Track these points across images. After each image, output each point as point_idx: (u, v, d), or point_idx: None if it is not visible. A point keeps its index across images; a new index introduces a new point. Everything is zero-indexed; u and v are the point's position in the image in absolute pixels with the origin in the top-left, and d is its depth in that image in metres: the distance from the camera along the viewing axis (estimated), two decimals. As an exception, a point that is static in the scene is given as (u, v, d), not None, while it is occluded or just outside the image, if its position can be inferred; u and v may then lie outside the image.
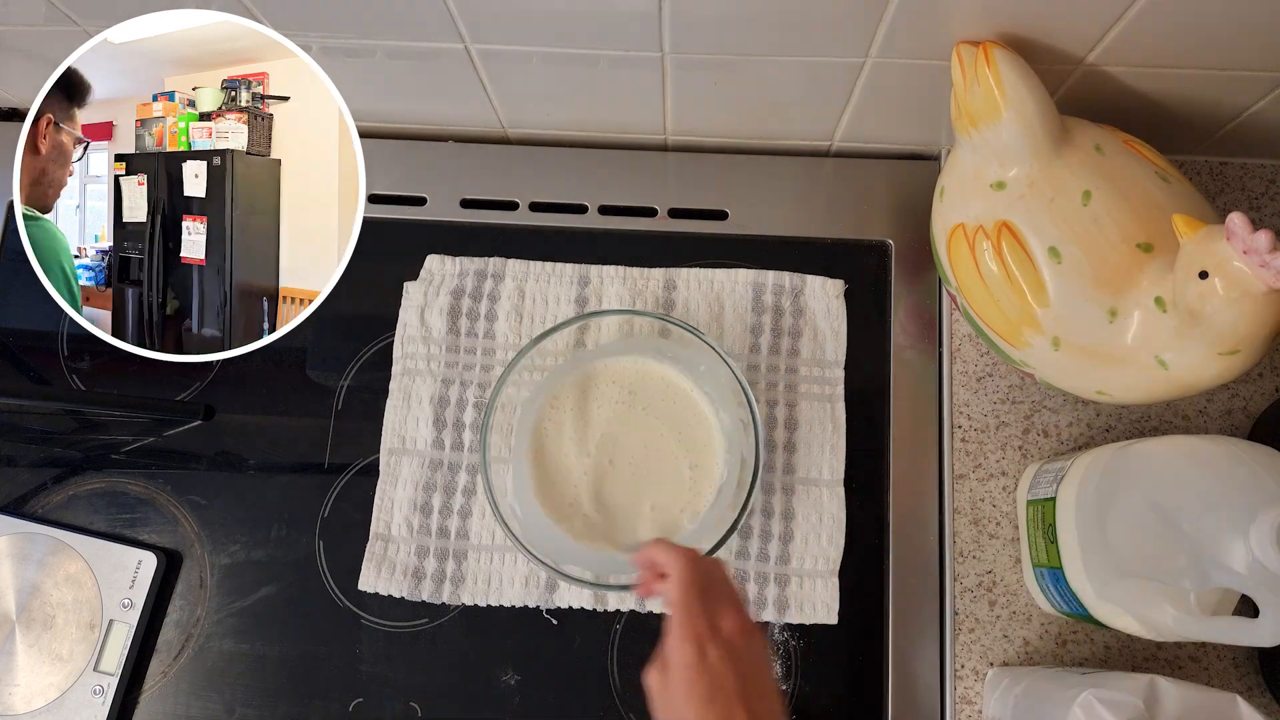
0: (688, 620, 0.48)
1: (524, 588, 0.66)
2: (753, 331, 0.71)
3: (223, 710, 0.65)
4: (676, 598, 0.49)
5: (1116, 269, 0.54)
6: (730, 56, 0.63)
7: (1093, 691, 0.51)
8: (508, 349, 0.71)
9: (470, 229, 0.74)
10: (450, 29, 0.62)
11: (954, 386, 0.69)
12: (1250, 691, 0.63)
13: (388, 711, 0.65)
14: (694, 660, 0.46)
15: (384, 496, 0.68)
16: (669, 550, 0.51)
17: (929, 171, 0.73)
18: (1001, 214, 0.58)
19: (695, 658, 0.46)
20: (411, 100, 0.73)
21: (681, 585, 0.49)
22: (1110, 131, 0.59)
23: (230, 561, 0.68)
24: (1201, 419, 0.68)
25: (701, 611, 0.48)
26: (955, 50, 0.58)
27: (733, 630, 0.48)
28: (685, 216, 0.75)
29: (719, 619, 0.48)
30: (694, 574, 0.49)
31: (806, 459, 0.68)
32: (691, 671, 0.46)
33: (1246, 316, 0.48)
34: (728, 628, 0.48)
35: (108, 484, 0.70)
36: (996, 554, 0.66)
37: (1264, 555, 0.44)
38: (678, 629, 0.47)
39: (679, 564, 0.50)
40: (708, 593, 0.49)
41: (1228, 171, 0.74)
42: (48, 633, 0.66)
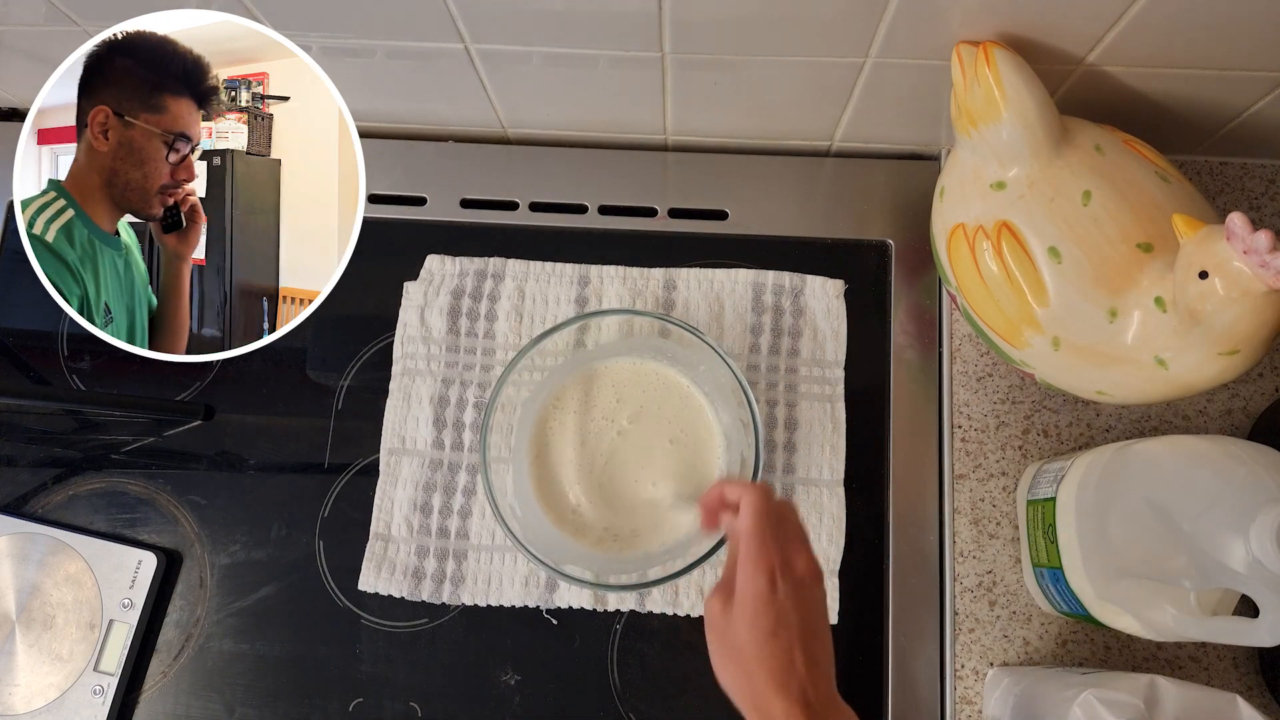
0: (762, 551, 0.46)
1: (524, 588, 0.66)
2: (753, 331, 0.71)
3: (223, 710, 0.65)
4: (750, 527, 0.47)
5: (1116, 269, 0.54)
6: (730, 56, 0.63)
7: (1093, 691, 0.51)
8: (508, 349, 0.71)
9: (470, 229, 0.74)
10: (450, 29, 0.62)
11: (954, 386, 0.69)
12: (1250, 691, 0.63)
13: (388, 711, 0.65)
14: (765, 591, 0.46)
15: (384, 496, 0.68)
16: (739, 484, 0.50)
17: (929, 171, 0.73)
18: (1001, 214, 0.58)
19: (766, 588, 0.46)
20: (411, 100, 0.73)
21: (756, 515, 0.48)
22: (1110, 131, 0.59)
23: (230, 561, 0.68)
24: (1201, 419, 0.68)
25: (775, 546, 0.47)
26: (955, 50, 0.58)
27: (804, 569, 0.47)
28: (685, 216, 0.75)
29: (792, 556, 0.48)
30: (769, 505, 0.48)
31: (806, 459, 0.68)
32: (760, 602, 0.45)
33: (1246, 316, 0.48)
34: (800, 566, 0.47)
35: (108, 484, 0.70)
36: (996, 554, 0.66)
37: (1264, 555, 0.44)
38: (751, 558, 0.46)
39: (754, 494, 0.48)
40: (781, 528, 0.48)
41: (1228, 171, 0.74)
42: (48, 633, 0.66)
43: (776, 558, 0.47)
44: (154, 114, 0.55)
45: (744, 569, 0.46)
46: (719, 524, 0.52)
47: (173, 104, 0.56)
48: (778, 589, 0.46)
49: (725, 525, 0.51)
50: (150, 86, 0.55)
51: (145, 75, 0.55)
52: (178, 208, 0.57)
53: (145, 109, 0.55)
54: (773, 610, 0.45)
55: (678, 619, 0.66)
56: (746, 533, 0.47)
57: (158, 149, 0.56)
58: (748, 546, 0.47)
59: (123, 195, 0.56)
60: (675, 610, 0.66)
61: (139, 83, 0.55)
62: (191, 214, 0.58)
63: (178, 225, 0.58)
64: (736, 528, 0.49)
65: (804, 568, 0.48)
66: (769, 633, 0.45)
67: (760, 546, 0.47)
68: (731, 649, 0.46)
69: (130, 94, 0.55)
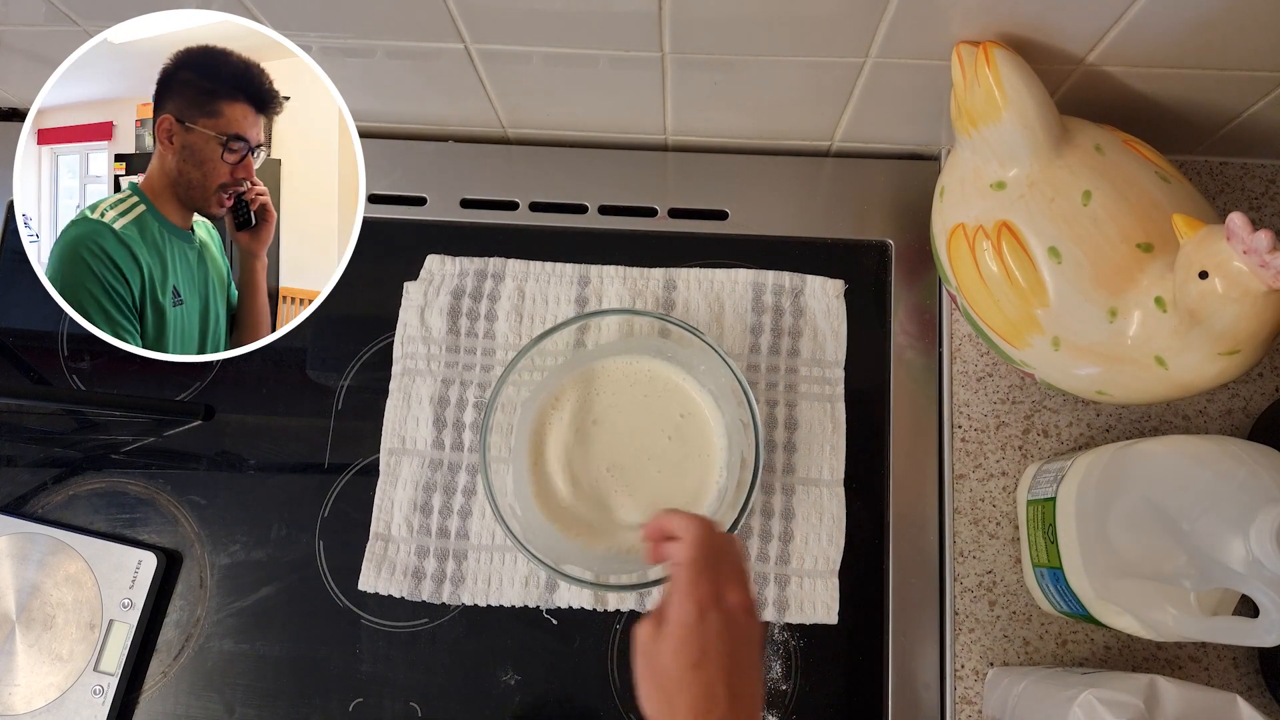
0: (695, 581, 0.47)
1: (524, 588, 0.66)
2: (753, 331, 0.71)
3: (223, 710, 0.65)
4: (686, 557, 0.48)
5: (1116, 269, 0.54)
6: (730, 56, 0.63)
7: (1093, 691, 0.51)
8: (508, 349, 0.71)
9: (470, 229, 0.74)
10: (450, 29, 0.62)
11: (954, 386, 0.69)
12: (1250, 691, 0.63)
13: (388, 711, 0.65)
14: (692, 621, 0.46)
15: (384, 496, 0.68)
16: (682, 515, 0.51)
17: (929, 171, 0.73)
18: (1001, 214, 0.58)
19: (694, 618, 0.46)
20: (411, 100, 0.73)
21: (693, 545, 0.48)
22: (1110, 131, 0.59)
23: (230, 561, 0.68)
24: (1201, 419, 0.68)
25: (710, 576, 0.48)
26: (955, 50, 0.58)
27: (736, 604, 0.48)
28: (685, 216, 0.75)
29: (725, 589, 0.48)
30: (708, 538, 0.49)
31: (806, 459, 0.68)
32: (687, 631, 0.46)
33: (1246, 316, 0.48)
34: (732, 601, 0.48)
35: (108, 484, 0.70)
36: (996, 554, 0.66)
37: (1264, 555, 0.44)
38: (683, 587, 0.47)
39: (695, 526, 0.49)
40: (718, 562, 0.49)
41: (1228, 171, 0.74)
42: (48, 633, 0.66)
43: (709, 590, 0.47)
44: (210, 118, 0.60)
45: (675, 598, 0.47)
46: (663, 554, 0.52)
47: (227, 108, 0.60)
48: (706, 620, 0.46)
49: (668, 554, 0.51)
50: (207, 94, 0.60)
51: (202, 84, 0.60)
52: (248, 206, 0.62)
53: (203, 114, 0.60)
54: (698, 641, 0.46)
55: (678, 619, 0.66)
56: (682, 563, 0.48)
57: (215, 150, 0.60)
58: (682, 576, 0.48)
59: (187, 194, 0.61)
60: (675, 610, 0.66)
61: (197, 91, 0.60)
62: (262, 212, 0.62)
63: (249, 223, 0.62)
64: (676, 557, 0.49)
65: (736, 602, 0.48)
66: (693, 663, 0.45)
67: (694, 577, 0.47)
68: (656, 676, 0.47)
69: (191, 102, 0.60)
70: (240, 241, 0.62)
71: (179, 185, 0.61)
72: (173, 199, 0.61)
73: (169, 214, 0.61)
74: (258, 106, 0.61)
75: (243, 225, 0.62)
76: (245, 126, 0.61)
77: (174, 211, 0.61)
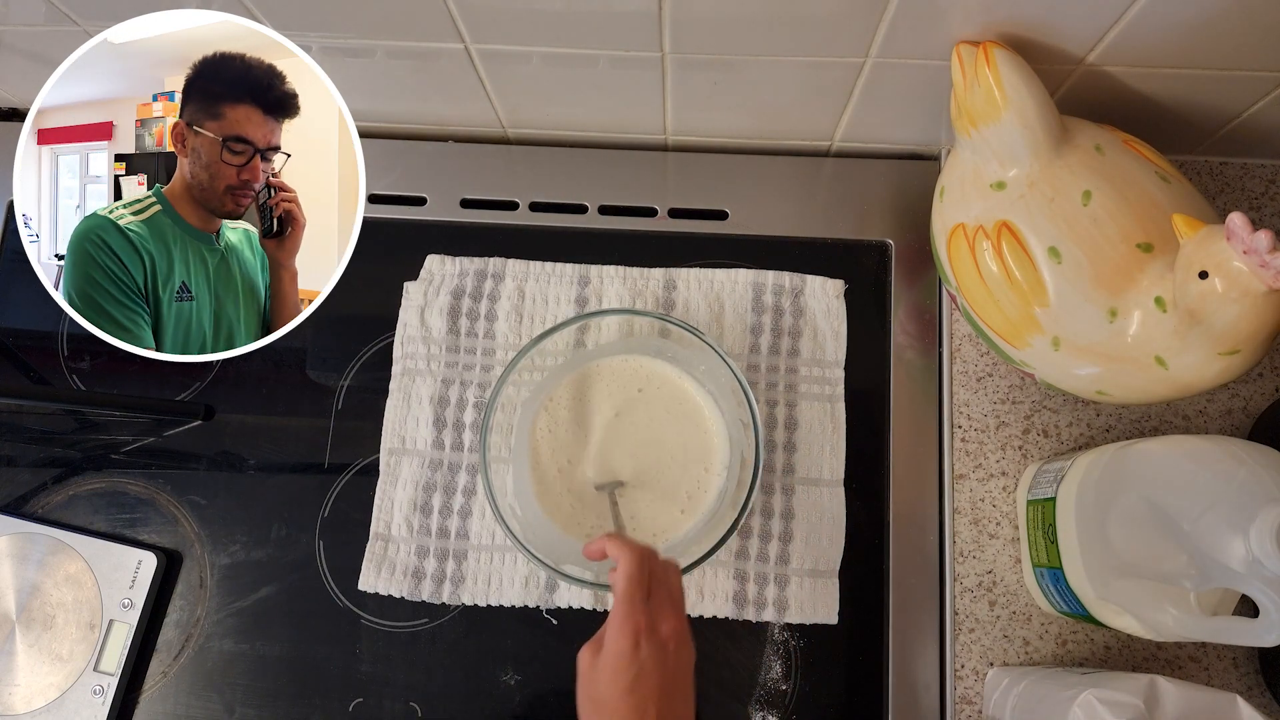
0: (630, 613, 0.50)
1: (524, 588, 0.66)
2: (753, 331, 0.71)
3: (223, 710, 0.65)
4: (622, 590, 0.51)
5: (1116, 269, 0.54)
6: (730, 56, 0.63)
7: (1093, 691, 0.51)
8: (508, 349, 0.71)
9: (470, 229, 0.74)
10: (450, 29, 0.62)
11: (954, 386, 0.69)
12: (1250, 691, 0.63)
13: (388, 711, 0.65)
14: (627, 651, 0.49)
15: (384, 496, 0.68)
16: (620, 545, 0.53)
17: (929, 171, 0.73)
18: (1001, 214, 0.58)
19: (629, 648, 0.49)
20: (411, 100, 0.73)
21: (627, 579, 0.51)
22: (1110, 131, 0.59)
23: (230, 561, 0.68)
24: (1201, 419, 0.68)
25: (643, 609, 0.50)
26: (955, 50, 0.58)
27: (668, 633, 0.50)
28: (685, 216, 0.75)
29: (659, 619, 0.51)
30: (640, 571, 0.51)
31: (806, 459, 0.68)
32: (622, 660, 0.49)
33: (1246, 316, 0.48)
34: (665, 630, 0.50)
35: (108, 484, 0.70)
36: (996, 554, 0.66)
37: (1264, 555, 0.44)
38: (619, 618, 0.50)
39: (628, 560, 0.52)
40: (654, 592, 0.51)
41: (1228, 171, 0.74)
42: (48, 633, 0.66)
43: (644, 620, 0.50)
44: (215, 121, 0.61)
45: (611, 627, 0.50)
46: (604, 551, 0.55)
47: (229, 110, 0.61)
48: (640, 649, 0.49)
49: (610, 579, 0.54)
50: (213, 98, 0.61)
51: (209, 88, 0.61)
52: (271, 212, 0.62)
53: (209, 118, 0.61)
54: (633, 668, 0.49)
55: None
56: (618, 594, 0.51)
57: (218, 151, 0.61)
58: (617, 608, 0.50)
59: (200, 195, 0.62)
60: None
61: (205, 96, 0.61)
62: (287, 219, 0.63)
63: (273, 231, 0.63)
64: (614, 587, 0.52)
65: (669, 631, 0.50)
66: (627, 689, 0.48)
67: (629, 609, 0.50)
68: (593, 701, 0.49)
69: (200, 107, 0.61)
70: (267, 250, 0.63)
71: (193, 188, 0.62)
72: (190, 201, 0.62)
73: (187, 215, 0.62)
74: (265, 108, 0.61)
75: (267, 233, 0.63)
76: (248, 128, 0.61)
77: (192, 213, 0.62)
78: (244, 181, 0.61)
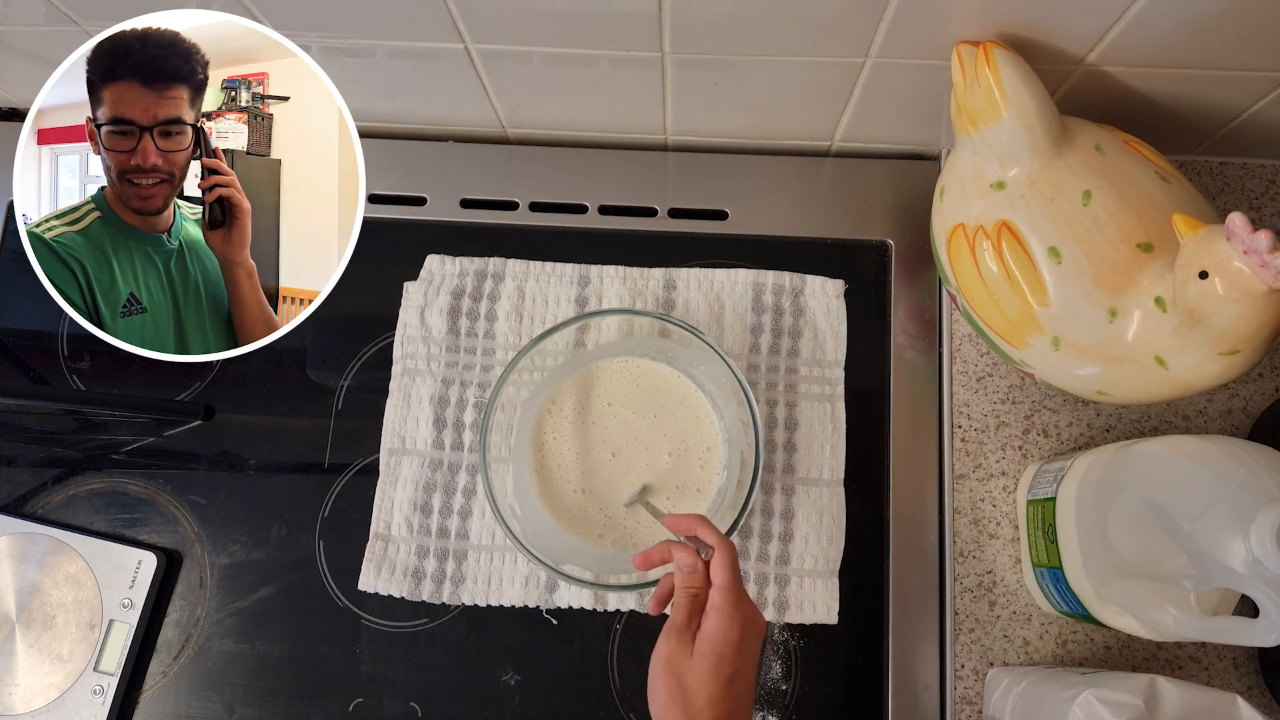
0: (739, 604, 0.49)
1: (524, 588, 0.66)
2: (753, 331, 0.71)
3: (223, 710, 0.65)
4: (725, 580, 0.50)
5: (1116, 269, 0.54)
6: (730, 56, 0.63)
7: (1093, 691, 0.51)
8: (508, 349, 0.71)
9: (470, 229, 0.74)
10: (450, 29, 0.62)
11: (954, 386, 0.69)
12: (1250, 691, 0.63)
13: (388, 711, 0.65)
14: (735, 641, 0.48)
15: (384, 496, 0.68)
16: (712, 532, 0.52)
17: (929, 171, 0.73)
18: (1001, 214, 0.58)
19: (737, 639, 0.48)
20: (411, 100, 0.73)
21: (729, 569, 0.50)
22: (1110, 131, 0.59)
23: (230, 561, 0.68)
24: (1201, 419, 0.68)
25: (749, 601, 0.50)
26: (955, 50, 0.58)
27: (761, 623, 0.50)
28: (685, 216, 0.75)
29: (758, 613, 0.51)
30: (738, 561, 0.51)
31: (806, 459, 0.68)
32: (730, 649, 0.48)
33: (1246, 316, 0.48)
34: (760, 622, 0.50)
35: (108, 484, 0.70)
36: (996, 554, 0.66)
37: (1264, 555, 0.44)
38: (729, 609, 0.49)
39: (726, 548, 0.51)
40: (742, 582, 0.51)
41: (1228, 171, 0.74)
42: (48, 633, 0.66)
43: (751, 612, 0.50)
44: (99, 107, 0.55)
45: (721, 617, 0.49)
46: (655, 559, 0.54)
47: (106, 92, 0.55)
48: (745, 642, 0.49)
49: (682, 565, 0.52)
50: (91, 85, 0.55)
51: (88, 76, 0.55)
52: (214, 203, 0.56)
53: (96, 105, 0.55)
54: (738, 661, 0.48)
55: (678, 619, 0.66)
56: (721, 584, 0.50)
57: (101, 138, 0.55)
58: (725, 597, 0.49)
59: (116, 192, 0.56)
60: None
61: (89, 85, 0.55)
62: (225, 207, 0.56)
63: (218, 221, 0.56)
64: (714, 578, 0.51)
65: (761, 620, 0.51)
66: (728, 680, 0.48)
67: (737, 598, 0.49)
68: (682, 690, 0.48)
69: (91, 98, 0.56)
70: (213, 245, 0.57)
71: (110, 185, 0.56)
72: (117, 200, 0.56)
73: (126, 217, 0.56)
74: (142, 80, 0.54)
75: (212, 224, 0.56)
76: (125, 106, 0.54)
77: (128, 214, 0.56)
78: (135, 166, 0.55)
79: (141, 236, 0.57)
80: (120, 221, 0.56)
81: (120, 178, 0.55)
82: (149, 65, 0.54)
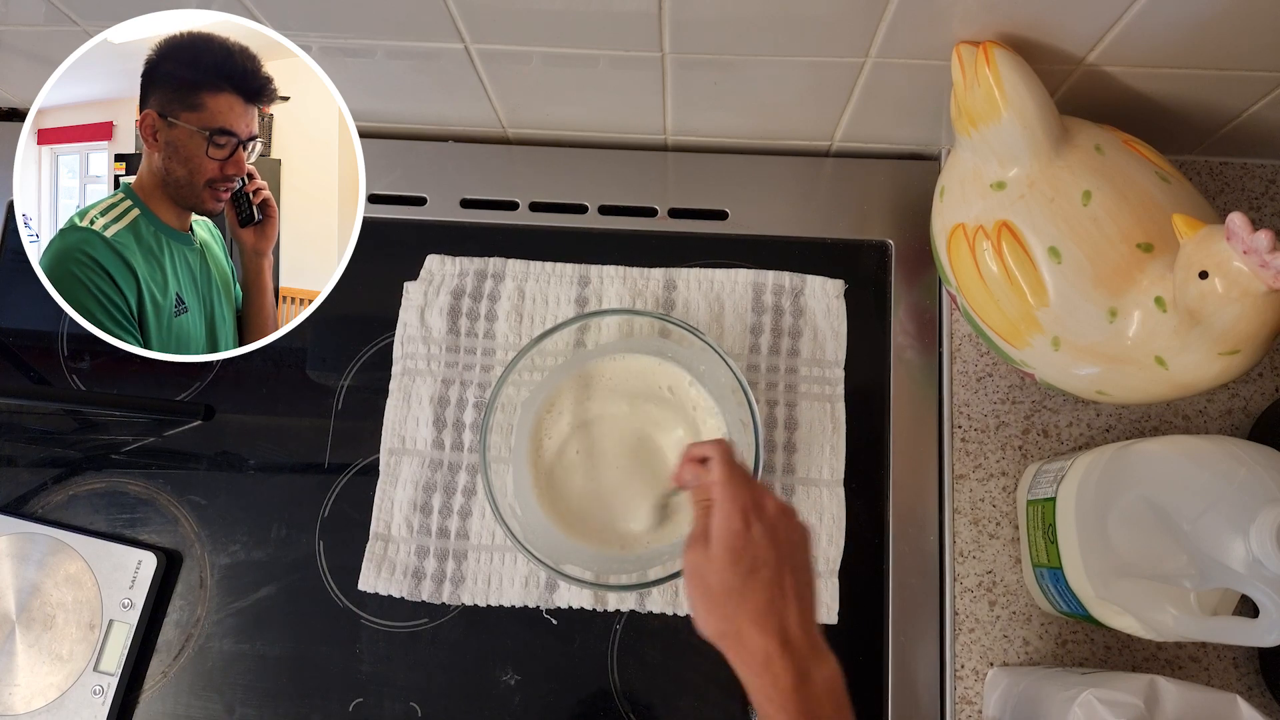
0: (734, 493, 0.48)
1: (524, 588, 0.66)
2: (753, 331, 0.71)
3: (223, 710, 0.65)
4: (722, 475, 0.49)
5: (1116, 269, 0.54)
6: (730, 56, 0.63)
7: (1093, 691, 0.51)
8: (508, 349, 0.71)
9: (470, 229, 0.74)
10: (450, 29, 0.62)
11: (954, 386, 0.69)
12: (1250, 691, 0.63)
13: (388, 711, 0.65)
14: (739, 528, 0.47)
15: (384, 496, 0.68)
16: (704, 441, 0.52)
17: (929, 171, 0.73)
18: (1001, 214, 0.58)
19: (742, 527, 0.47)
20: (411, 100, 0.73)
21: (727, 463, 0.50)
22: (1110, 131, 0.59)
23: (230, 561, 0.68)
24: (1201, 419, 0.68)
25: (746, 486, 0.49)
26: (955, 50, 0.58)
27: (774, 510, 0.49)
28: (685, 216, 0.75)
29: (762, 497, 0.49)
30: (733, 453, 0.51)
31: (806, 459, 0.68)
32: (738, 540, 0.47)
33: (1246, 316, 0.48)
34: (770, 507, 0.49)
35: (108, 484, 0.70)
36: (996, 554, 0.66)
37: (1264, 555, 0.44)
38: (724, 502, 0.48)
39: (717, 446, 0.51)
40: (749, 477, 0.50)
41: (1228, 171, 0.74)
42: (48, 633, 0.66)
43: (749, 498, 0.48)
44: (193, 112, 0.56)
45: (719, 511, 0.48)
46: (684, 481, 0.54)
47: (210, 100, 0.57)
48: (753, 527, 0.47)
49: (690, 479, 0.53)
50: (189, 86, 0.56)
51: (184, 75, 0.56)
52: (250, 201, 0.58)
53: (185, 108, 0.56)
54: (750, 548, 0.47)
55: (678, 619, 0.66)
56: (719, 479, 0.49)
57: (199, 145, 0.57)
58: (721, 492, 0.49)
59: (177, 192, 0.58)
60: (675, 610, 0.66)
61: (180, 83, 0.56)
62: (265, 208, 0.59)
63: (252, 219, 0.59)
64: (707, 480, 0.50)
65: (774, 509, 0.49)
66: (749, 570, 0.46)
67: (732, 489, 0.48)
68: (711, 594, 0.47)
69: (173, 95, 0.56)
70: (244, 240, 0.60)
71: (168, 184, 0.57)
72: (164, 199, 0.58)
73: (163, 215, 0.58)
74: (246, 96, 0.58)
75: (245, 222, 0.59)
76: (232, 119, 0.57)
77: (168, 212, 0.58)
78: (228, 176, 0.58)
79: (176, 235, 0.58)
80: (156, 219, 0.57)
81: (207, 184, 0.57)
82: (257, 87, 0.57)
